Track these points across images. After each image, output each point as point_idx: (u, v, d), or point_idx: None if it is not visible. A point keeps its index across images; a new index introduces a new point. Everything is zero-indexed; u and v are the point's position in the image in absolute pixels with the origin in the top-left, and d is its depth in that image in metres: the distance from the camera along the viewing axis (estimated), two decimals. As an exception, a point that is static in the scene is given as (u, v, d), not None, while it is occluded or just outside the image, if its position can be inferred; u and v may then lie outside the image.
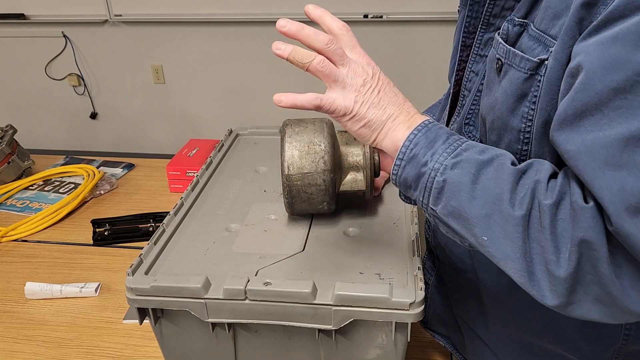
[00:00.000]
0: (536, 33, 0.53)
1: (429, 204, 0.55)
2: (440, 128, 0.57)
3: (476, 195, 0.51)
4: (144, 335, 0.87)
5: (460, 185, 0.52)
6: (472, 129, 0.66)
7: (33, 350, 0.86)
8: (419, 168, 0.54)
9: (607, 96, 0.44)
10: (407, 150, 0.55)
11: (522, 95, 0.54)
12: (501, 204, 0.50)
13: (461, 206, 0.52)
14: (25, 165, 1.35)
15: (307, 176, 0.73)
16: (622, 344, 0.60)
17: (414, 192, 0.56)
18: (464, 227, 0.53)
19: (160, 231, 0.75)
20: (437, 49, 2.59)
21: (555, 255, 0.47)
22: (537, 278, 0.49)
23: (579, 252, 0.46)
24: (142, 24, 2.80)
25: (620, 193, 0.43)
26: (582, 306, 0.48)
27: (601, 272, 0.46)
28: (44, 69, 2.98)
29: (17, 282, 1.00)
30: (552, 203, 0.48)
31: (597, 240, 0.45)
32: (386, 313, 0.62)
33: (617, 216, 0.43)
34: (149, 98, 3.00)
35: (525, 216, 0.49)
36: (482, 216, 0.51)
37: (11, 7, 2.82)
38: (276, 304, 0.63)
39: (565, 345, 0.63)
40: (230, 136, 1.06)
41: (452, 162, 0.53)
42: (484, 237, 0.51)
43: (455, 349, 0.77)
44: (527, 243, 0.49)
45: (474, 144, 0.55)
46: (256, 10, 2.63)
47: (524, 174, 0.51)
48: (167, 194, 1.29)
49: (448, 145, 0.54)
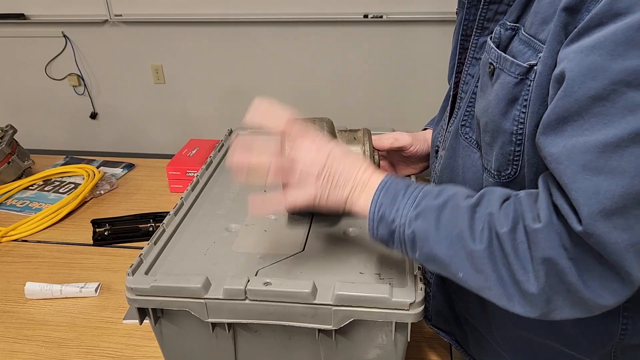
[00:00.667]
0: (526, 37, 0.55)
1: (408, 254, 0.59)
2: (397, 182, 0.61)
3: (441, 239, 0.55)
4: (144, 335, 0.87)
5: (426, 234, 0.56)
6: (468, 131, 0.67)
7: (33, 350, 0.86)
8: (389, 226, 0.59)
9: (586, 103, 0.46)
10: (375, 213, 0.59)
11: (513, 99, 0.55)
12: (464, 241, 0.54)
13: (432, 251, 0.56)
14: (25, 165, 1.35)
15: None
16: (620, 338, 0.61)
17: (393, 246, 0.60)
18: (441, 268, 0.57)
19: (160, 231, 0.75)
20: (437, 49, 2.59)
21: (524, 275, 0.51)
22: (515, 299, 0.52)
23: (544, 269, 0.49)
24: (142, 24, 2.80)
25: (595, 196, 0.45)
26: (563, 311, 0.52)
27: (569, 281, 0.49)
28: (44, 69, 2.98)
29: (17, 282, 1.00)
30: (508, 230, 0.51)
31: (555, 255, 0.48)
32: (386, 313, 0.62)
33: (590, 217, 0.45)
34: (149, 98, 3.00)
35: (487, 247, 0.53)
36: (452, 256, 0.55)
37: (11, 7, 2.82)
38: (276, 304, 0.63)
39: (565, 341, 0.64)
40: (230, 136, 1.06)
41: (415, 214, 0.57)
42: (460, 273, 0.55)
43: (459, 345, 0.78)
44: (496, 271, 0.52)
45: (429, 189, 0.59)
46: (256, 10, 2.63)
47: (477, 208, 0.55)
48: (167, 194, 1.29)
49: (407, 198, 0.58)
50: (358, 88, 2.78)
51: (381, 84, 2.75)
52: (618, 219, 0.45)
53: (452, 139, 0.69)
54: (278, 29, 2.69)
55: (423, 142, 0.88)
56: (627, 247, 0.45)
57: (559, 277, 0.49)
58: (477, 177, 0.65)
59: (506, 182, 0.60)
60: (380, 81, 2.75)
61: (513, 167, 0.58)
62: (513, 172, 0.59)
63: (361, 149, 0.79)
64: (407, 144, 0.86)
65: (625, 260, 0.46)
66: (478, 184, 0.64)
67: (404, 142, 0.86)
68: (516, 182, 0.59)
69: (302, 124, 0.63)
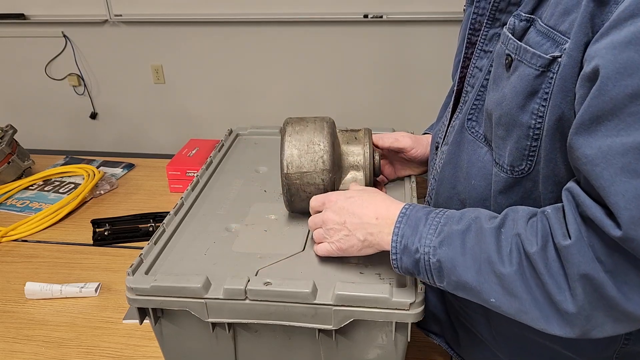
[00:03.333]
0: (545, 29, 0.53)
1: (436, 283, 0.58)
2: (417, 210, 0.61)
3: (469, 266, 0.54)
4: (144, 335, 0.87)
5: (452, 261, 0.55)
6: (474, 125, 0.66)
7: (33, 350, 0.86)
8: (412, 256, 0.58)
9: (622, 102, 0.44)
10: (398, 244, 0.59)
11: (533, 91, 0.54)
12: (493, 266, 0.53)
13: (461, 279, 0.55)
14: (25, 165, 1.34)
15: (306, 175, 0.73)
16: (624, 343, 0.60)
17: (419, 276, 0.60)
18: (472, 295, 0.56)
19: (160, 231, 0.75)
20: (436, 49, 2.59)
21: (561, 295, 0.49)
22: (553, 320, 0.51)
23: (581, 286, 0.48)
24: (142, 24, 2.80)
25: (636, 200, 0.44)
26: (604, 328, 0.50)
27: (608, 296, 0.47)
28: (44, 69, 2.98)
29: (17, 282, 1.00)
30: (538, 250, 0.50)
31: (591, 270, 0.47)
32: (386, 313, 0.62)
33: (631, 222, 0.44)
34: (149, 98, 3.00)
35: (518, 269, 0.51)
36: (482, 282, 0.54)
37: (11, 7, 2.82)
38: (276, 304, 0.63)
39: (566, 343, 0.63)
40: (230, 136, 1.06)
41: (438, 242, 0.56)
42: (492, 299, 0.54)
43: (448, 347, 0.77)
44: (530, 293, 0.51)
45: (451, 214, 0.59)
46: (256, 10, 2.63)
47: (502, 229, 0.54)
48: (167, 194, 1.29)
49: (429, 226, 0.58)
50: (358, 88, 2.78)
51: (381, 84, 2.75)
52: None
53: (457, 133, 0.68)
54: (278, 29, 2.69)
55: (425, 146, 0.87)
56: None
57: (598, 293, 0.47)
58: (484, 172, 0.63)
59: (519, 178, 0.59)
60: (380, 81, 2.75)
61: (528, 162, 0.57)
62: (527, 167, 0.57)
63: (362, 148, 0.79)
64: (408, 146, 0.86)
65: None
66: (484, 179, 0.63)
67: (404, 143, 0.85)
68: (529, 178, 0.58)
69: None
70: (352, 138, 0.80)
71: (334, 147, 0.75)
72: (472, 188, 0.65)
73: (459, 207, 0.70)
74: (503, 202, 0.61)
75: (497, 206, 0.62)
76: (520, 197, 0.60)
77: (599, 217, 0.46)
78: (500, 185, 0.60)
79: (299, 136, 0.74)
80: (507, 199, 0.61)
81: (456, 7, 2.45)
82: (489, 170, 0.63)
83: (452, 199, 0.70)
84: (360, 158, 0.78)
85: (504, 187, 0.60)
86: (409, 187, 0.87)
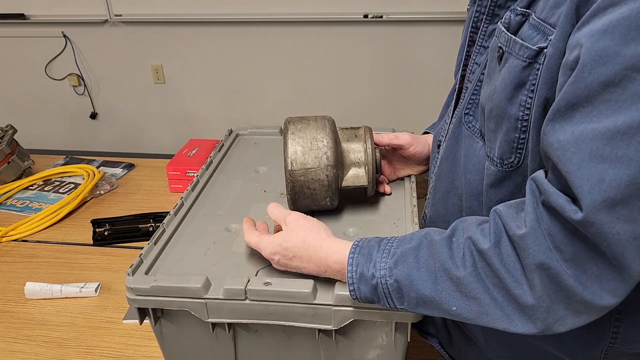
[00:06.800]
0: (536, 22, 0.54)
1: (397, 306, 0.58)
2: (369, 240, 0.61)
3: (425, 278, 0.55)
4: (144, 335, 0.87)
5: (409, 278, 0.55)
6: (471, 119, 0.66)
7: (33, 350, 0.86)
8: (369, 283, 0.58)
9: (596, 89, 0.45)
10: (353, 273, 0.59)
11: (521, 83, 0.54)
12: (448, 273, 0.53)
13: (420, 293, 0.55)
14: (25, 165, 1.35)
15: (310, 172, 0.73)
16: (611, 342, 0.60)
17: (379, 302, 0.59)
18: (433, 308, 0.56)
19: (160, 231, 0.75)
20: (436, 49, 2.59)
21: (519, 289, 0.49)
22: (514, 317, 0.51)
23: (538, 276, 0.48)
24: (142, 24, 2.80)
25: (600, 184, 0.44)
26: (565, 321, 0.50)
27: (566, 285, 0.47)
28: (44, 69, 2.98)
29: (17, 282, 1.00)
30: (491, 245, 0.50)
31: (547, 259, 0.47)
32: (386, 313, 0.62)
33: (592, 206, 0.44)
34: (149, 98, 3.00)
35: (474, 271, 0.52)
36: (440, 291, 0.54)
37: (11, 7, 2.82)
38: (276, 304, 0.63)
39: (555, 343, 0.63)
40: (230, 136, 1.06)
41: (393, 262, 0.57)
42: (453, 307, 0.54)
43: (442, 347, 0.77)
44: (488, 292, 0.51)
45: (402, 237, 0.59)
46: (256, 10, 2.63)
47: (452, 238, 0.55)
48: (167, 194, 1.29)
49: (382, 252, 0.58)
50: (358, 88, 2.78)
51: (381, 83, 2.75)
52: (622, 209, 0.43)
53: (455, 128, 0.69)
54: (278, 29, 2.69)
55: (423, 145, 0.87)
56: (629, 239, 0.44)
57: (556, 283, 0.48)
58: (479, 167, 0.64)
59: (509, 171, 0.59)
60: (380, 81, 2.75)
61: (517, 155, 0.57)
62: (516, 160, 0.58)
63: (362, 146, 0.79)
64: (407, 143, 0.86)
65: (625, 252, 0.44)
66: (479, 174, 0.64)
67: (403, 140, 0.86)
68: (519, 172, 0.58)
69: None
70: (352, 136, 0.80)
71: (336, 144, 0.75)
72: (467, 182, 0.66)
73: (456, 203, 0.70)
74: (494, 196, 0.61)
75: (488, 201, 0.62)
76: (510, 192, 0.60)
77: (560, 203, 0.46)
78: (491, 178, 0.61)
79: (302, 134, 0.74)
80: (497, 193, 0.61)
81: (456, 7, 2.45)
82: (483, 165, 0.63)
83: (450, 194, 0.70)
84: (362, 155, 0.78)
85: (494, 180, 0.60)
86: (408, 187, 0.87)
